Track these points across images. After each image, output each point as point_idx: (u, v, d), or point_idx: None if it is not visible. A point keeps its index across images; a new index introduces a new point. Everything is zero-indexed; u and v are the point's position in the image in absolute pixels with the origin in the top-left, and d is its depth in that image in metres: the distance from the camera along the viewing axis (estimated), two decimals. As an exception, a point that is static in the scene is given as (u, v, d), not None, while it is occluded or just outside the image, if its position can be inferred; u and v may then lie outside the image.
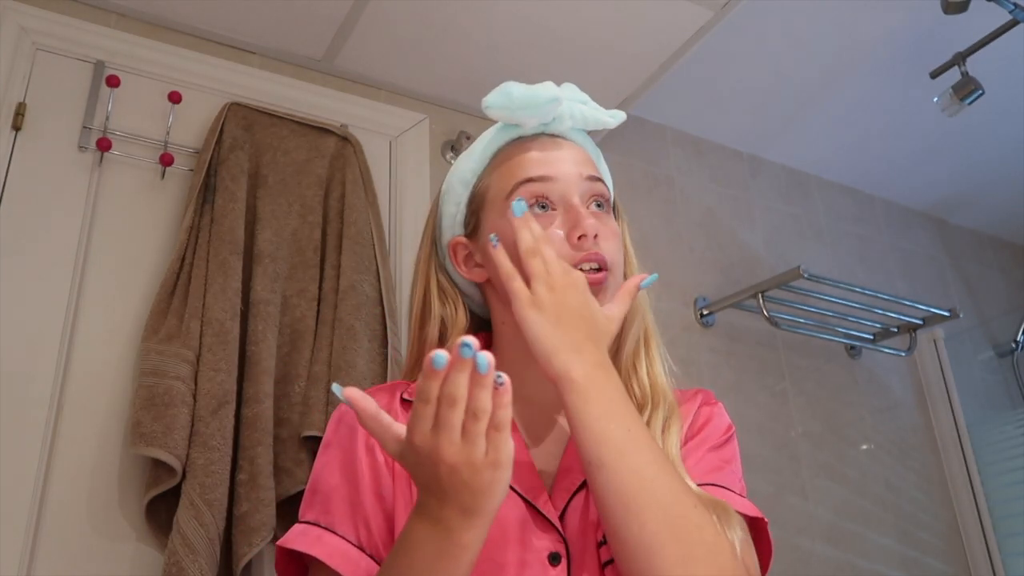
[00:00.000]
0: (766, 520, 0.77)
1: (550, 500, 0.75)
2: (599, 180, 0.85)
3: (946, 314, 2.05)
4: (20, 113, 1.32)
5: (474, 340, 0.56)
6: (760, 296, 1.88)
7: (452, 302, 0.88)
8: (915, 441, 2.21)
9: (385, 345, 1.39)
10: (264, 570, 1.25)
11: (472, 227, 0.86)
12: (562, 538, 0.73)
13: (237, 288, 1.30)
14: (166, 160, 1.40)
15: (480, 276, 0.86)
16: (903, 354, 2.11)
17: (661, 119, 2.14)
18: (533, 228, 0.76)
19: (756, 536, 0.75)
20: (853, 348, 2.19)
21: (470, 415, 0.58)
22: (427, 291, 0.88)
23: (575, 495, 0.76)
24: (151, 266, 1.35)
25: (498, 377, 0.58)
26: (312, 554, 0.72)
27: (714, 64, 1.91)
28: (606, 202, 0.86)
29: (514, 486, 0.73)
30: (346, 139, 1.57)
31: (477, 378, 0.57)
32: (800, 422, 2.00)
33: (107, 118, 1.39)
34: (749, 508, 0.76)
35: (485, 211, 0.85)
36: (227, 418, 1.20)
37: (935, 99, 1.87)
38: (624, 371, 0.83)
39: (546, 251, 0.75)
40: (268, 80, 1.59)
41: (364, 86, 1.71)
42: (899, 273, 2.46)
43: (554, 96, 0.82)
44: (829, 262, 2.29)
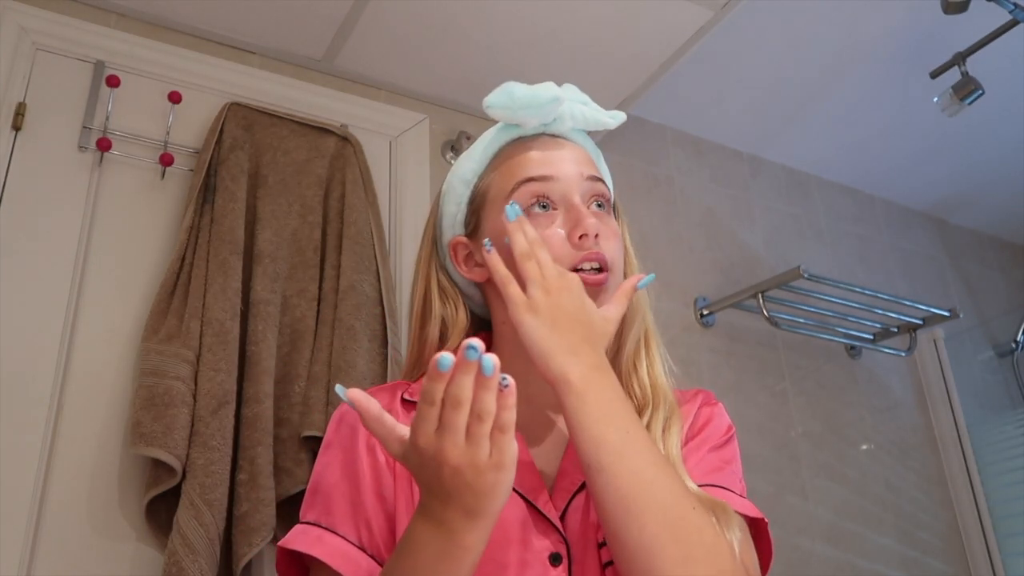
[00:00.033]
0: (766, 520, 0.77)
1: (551, 500, 0.75)
2: (600, 180, 0.85)
3: (946, 314, 2.05)
4: (20, 113, 1.32)
5: (480, 343, 0.56)
6: (760, 296, 1.88)
7: (452, 302, 0.88)
8: (915, 441, 2.21)
9: (385, 345, 1.39)
10: (264, 570, 1.25)
11: (473, 227, 0.86)
12: (563, 538, 0.73)
13: (237, 288, 1.30)
14: (166, 160, 1.40)
15: (481, 276, 0.86)
16: (903, 354, 2.11)
17: (661, 119, 2.14)
18: (527, 231, 0.76)
19: (756, 536, 0.76)
20: (853, 348, 2.19)
21: (475, 417, 0.58)
22: (427, 291, 0.88)
23: (575, 495, 0.76)
24: (151, 266, 1.35)
25: (503, 379, 0.58)
26: (313, 554, 0.72)
27: (714, 64, 1.91)
28: (607, 202, 0.86)
29: (515, 486, 0.73)
30: (346, 139, 1.57)
31: (482, 380, 0.57)
32: (800, 422, 2.00)
33: (107, 118, 1.39)
34: (749, 509, 0.76)
35: (486, 210, 0.85)
36: (227, 418, 1.20)
37: (935, 99, 1.87)
38: (624, 371, 0.83)
39: (541, 254, 0.75)
40: (268, 80, 1.58)
41: (364, 86, 1.71)
42: (899, 273, 2.46)
43: (555, 96, 0.82)
44: (829, 262, 2.29)
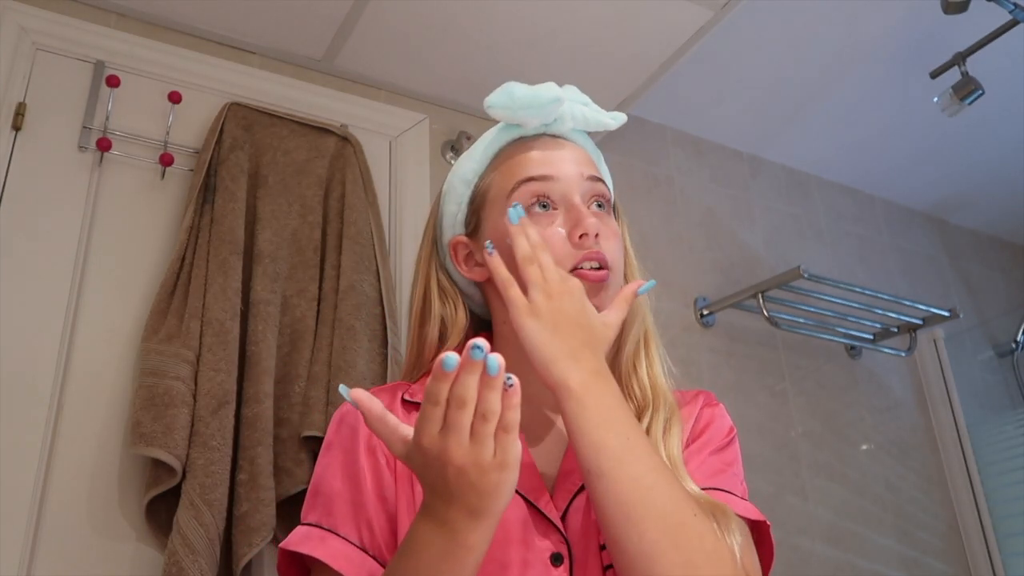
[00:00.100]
0: (768, 523, 0.77)
1: (551, 501, 0.75)
2: (600, 180, 0.85)
3: (946, 314, 2.05)
4: (20, 113, 1.32)
5: (485, 343, 0.56)
6: (760, 296, 1.88)
7: (452, 301, 0.88)
8: (915, 441, 2.21)
9: (385, 345, 1.39)
10: (264, 570, 1.25)
11: (473, 226, 0.86)
12: (564, 539, 0.73)
13: (237, 288, 1.30)
14: (166, 160, 1.40)
15: (481, 275, 0.86)
16: (903, 354, 2.11)
17: (661, 119, 2.14)
18: (530, 234, 0.76)
19: (758, 539, 0.75)
20: (853, 348, 2.19)
21: (479, 417, 0.58)
22: (427, 290, 0.88)
23: (576, 496, 0.76)
24: (151, 266, 1.35)
25: (508, 379, 0.58)
26: (315, 556, 0.72)
27: (714, 64, 1.91)
28: (607, 203, 0.86)
29: (516, 487, 0.73)
30: (346, 139, 1.57)
31: (487, 380, 0.57)
32: (800, 422, 2.00)
33: (107, 118, 1.39)
34: (751, 511, 0.76)
35: (486, 210, 0.85)
36: (227, 418, 1.20)
37: (935, 99, 1.87)
38: (624, 372, 0.83)
39: (543, 257, 0.75)
40: (268, 80, 1.58)
41: (364, 86, 1.71)
42: (899, 273, 2.46)
43: (556, 96, 0.82)
44: (829, 262, 2.29)
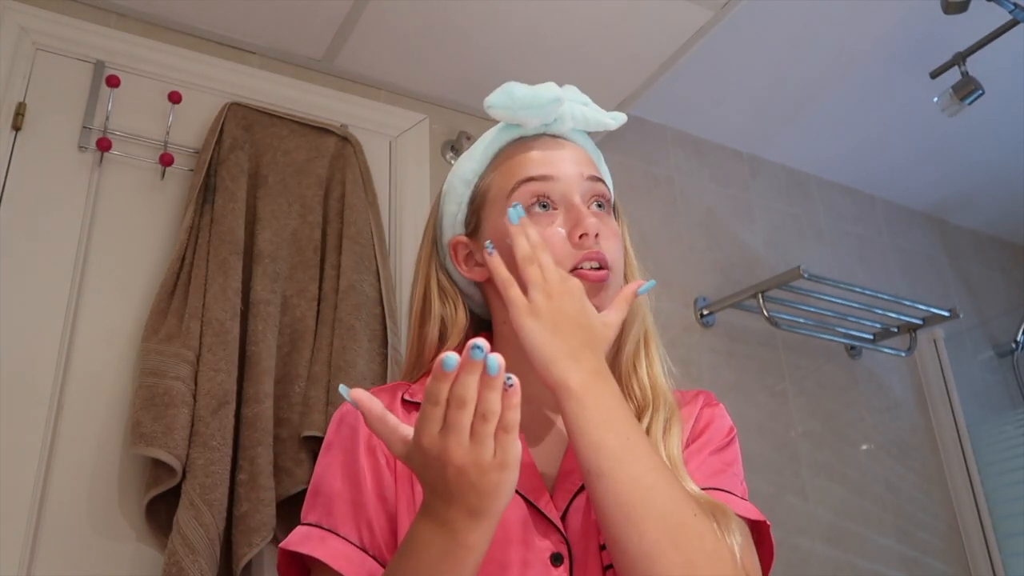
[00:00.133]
0: (768, 523, 0.77)
1: (551, 501, 0.75)
2: (600, 180, 0.85)
3: (946, 314, 2.05)
4: (20, 113, 1.32)
5: (485, 343, 0.56)
6: (760, 296, 1.88)
7: (452, 301, 0.88)
8: (915, 441, 2.21)
9: (385, 345, 1.39)
10: (264, 570, 1.25)
11: (473, 226, 0.86)
12: (564, 539, 0.73)
13: (237, 288, 1.30)
14: (166, 160, 1.40)
15: (481, 275, 0.86)
16: (903, 354, 2.11)
17: (661, 119, 2.14)
18: (530, 234, 0.76)
19: (758, 539, 0.75)
20: (853, 348, 2.19)
21: (479, 417, 0.58)
22: (427, 290, 0.88)
23: (576, 496, 0.76)
24: (151, 266, 1.35)
25: (508, 379, 0.58)
26: (315, 556, 0.72)
27: (714, 64, 1.91)
28: (607, 203, 0.86)
29: (516, 487, 0.73)
30: (346, 139, 1.57)
31: (487, 380, 0.57)
32: (800, 422, 2.00)
33: (107, 118, 1.39)
34: (751, 511, 0.76)
35: (486, 210, 0.85)
36: (227, 418, 1.20)
37: (935, 99, 1.87)
38: (624, 372, 0.83)
39: (543, 257, 0.75)
40: (268, 80, 1.58)
41: (364, 86, 1.71)
42: (899, 273, 2.46)
43: (556, 96, 0.82)
44: (829, 262, 2.29)
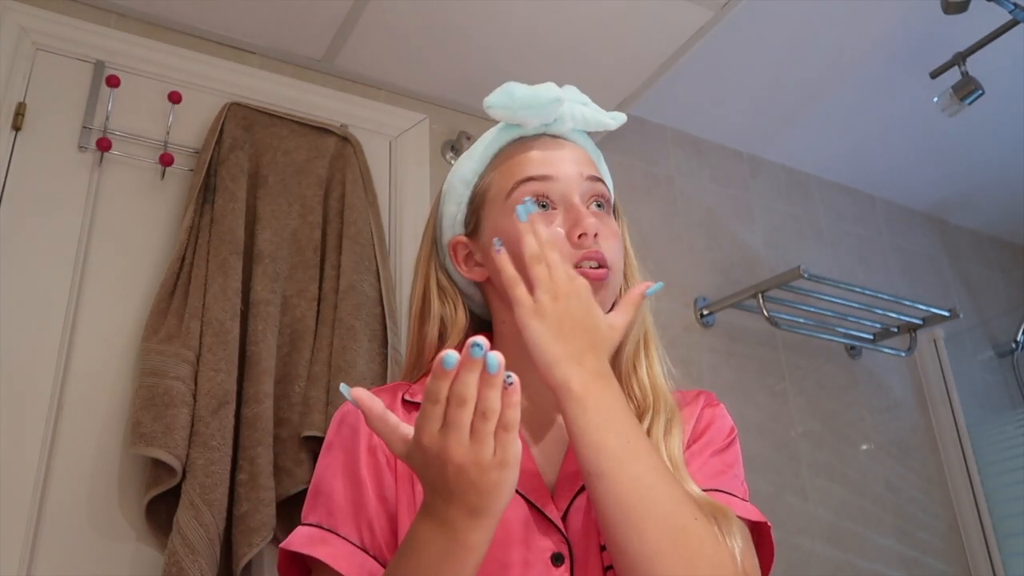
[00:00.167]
0: (769, 524, 0.77)
1: (552, 501, 0.75)
2: (600, 180, 0.85)
3: (946, 314, 2.05)
4: (20, 113, 1.32)
5: (484, 340, 0.56)
6: (760, 296, 1.88)
7: (452, 301, 0.87)
8: (915, 441, 2.21)
9: (385, 345, 1.39)
10: (264, 570, 1.25)
11: (473, 226, 0.86)
12: (565, 539, 0.73)
13: (237, 288, 1.30)
14: (166, 160, 1.40)
15: (480, 275, 0.85)
16: (903, 354, 2.11)
17: (661, 119, 2.14)
18: (539, 232, 0.75)
19: (758, 540, 0.75)
20: (853, 348, 2.19)
21: (479, 415, 0.58)
22: (427, 290, 0.88)
23: (577, 496, 0.75)
24: (151, 266, 1.35)
25: (507, 377, 0.58)
26: (316, 556, 0.72)
27: (714, 64, 1.91)
28: (606, 202, 0.85)
29: (516, 487, 0.73)
30: (346, 139, 1.57)
31: (487, 378, 0.57)
32: (800, 422, 2.00)
33: (107, 118, 1.39)
34: (752, 513, 0.76)
35: (486, 210, 0.85)
36: (227, 418, 1.20)
37: (935, 99, 1.87)
38: (624, 373, 0.83)
39: (551, 256, 0.74)
40: (268, 80, 1.58)
41: (364, 86, 1.71)
42: (899, 273, 2.46)
43: (556, 96, 0.82)
44: (829, 262, 2.29)
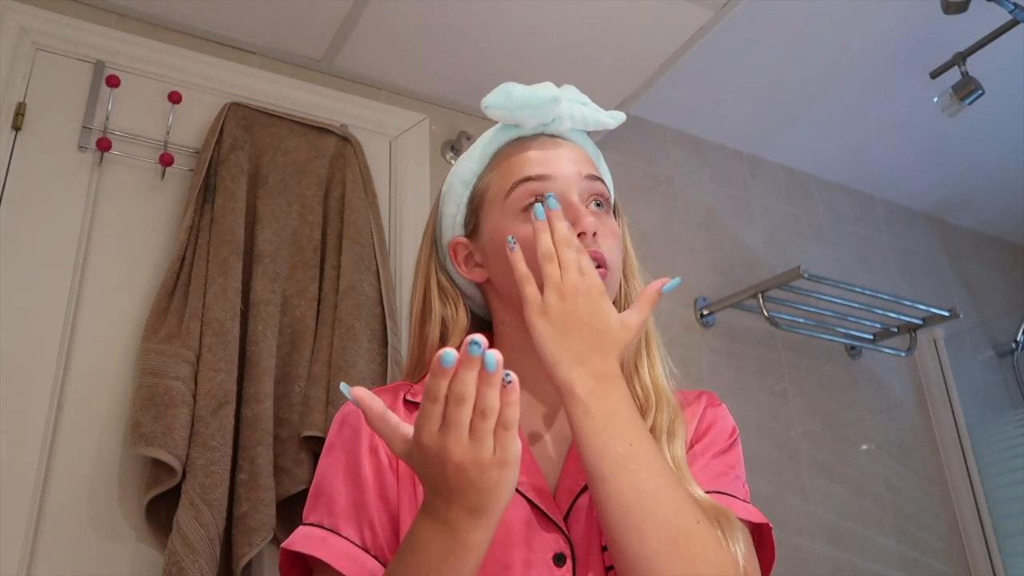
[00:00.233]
0: (771, 526, 0.76)
1: (554, 500, 0.75)
2: (598, 179, 0.85)
3: (946, 314, 2.05)
4: (20, 113, 1.32)
5: (483, 338, 0.56)
6: (760, 296, 1.88)
7: (453, 302, 0.87)
8: (915, 441, 2.21)
9: (385, 345, 1.39)
10: (264, 570, 1.25)
11: (472, 227, 0.86)
12: (567, 539, 0.73)
13: (237, 288, 1.30)
14: (166, 160, 1.40)
15: (480, 276, 0.85)
16: (903, 354, 2.11)
17: (661, 119, 2.14)
18: (557, 229, 0.74)
19: (760, 541, 0.75)
20: (853, 348, 2.19)
21: (478, 414, 0.58)
22: (427, 291, 0.88)
23: (579, 496, 0.75)
24: (151, 266, 1.35)
25: (506, 375, 0.58)
26: (317, 556, 0.72)
27: (714, 64, 1.91)
28: (606, 202, 0.85)
29: (518, 487, 0.73)
30: (346, 139, 1.57)
31: (485, 376, 0.57)
32: (800, 422, 2.00)
33: (107, 118, 1.39)
34: (754, 514, 0.76)
35: (485, 210, 0.85)
36: (227, 418, 1.20)
37: (935, 99, 1.87)
38: (625, 373, 0.82)
39: (565, 255, 0.73)
40: (268, 80, 1.58)
41: (364, 86, 1.71)
42: (899, 273, 2.46)
43: (553, 96, 0.82)
44: (829, 262, 2.29)
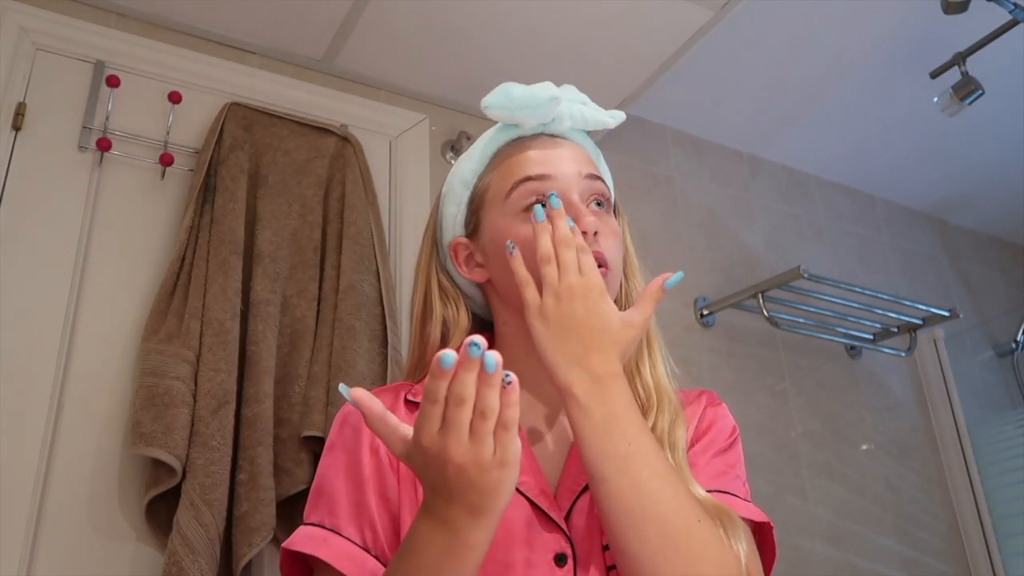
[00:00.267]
0: (772, 524, 0.76)
1: (555, 500, 0.75)
2: (599, 179, 0.85)
3: (946, 314, 2.05)
4: (20, 113, 1.32)
5: (482, 339, 0.56)
6: (760, 296, 1.88)
7: (453, 302, 0.87)
8: (915, 441, 2.21)
9: (385, 345, 1.39)
10: (264, 570, 1.25)
11: (472, 227, 0.86)
12: (568, 539, 0.73)
13: (237, 288, 1.30)
14: (166, 160, 1.40)
15: (481, 276, 0.85)
16: (903, 354, 2.11)
17: (661, 119, 2.14)
18: (560, 226, 0.74)
19: (761, 540, 0.75)
20: (853, 348, 2.19)
21: (478, 414, 0.58)
22: (428, 291, 0.88)
23: (580, 496, 0.75)
24: (151, 266, 1.35)
25: (506, 376, 0.58)
26: (318, 556, 0.72)
27: (714, 64, 1.91)
28: (606, 201, 0.85)
29: (518, 487, 0.73)
30: (346, 139, 1.57)
31: (485, 377, 0.57)
32: (800, 422, 2.00)
33: (107, 118, 1.39)
34: (755, 513, 0.76)
35: (485, 210, 0.85)
36: (227, 418, 1.20)
37: (935, 99, 1.87)
38: (627, 373, 0.82)
39: (564, 255, 0.73)
40: (268, 80, 1.58)
41: (364, 86, 1.71)
42: (899, 273, 2.46)
43: (553, 96, 0.82)
44: (829, 262, 2.29)
